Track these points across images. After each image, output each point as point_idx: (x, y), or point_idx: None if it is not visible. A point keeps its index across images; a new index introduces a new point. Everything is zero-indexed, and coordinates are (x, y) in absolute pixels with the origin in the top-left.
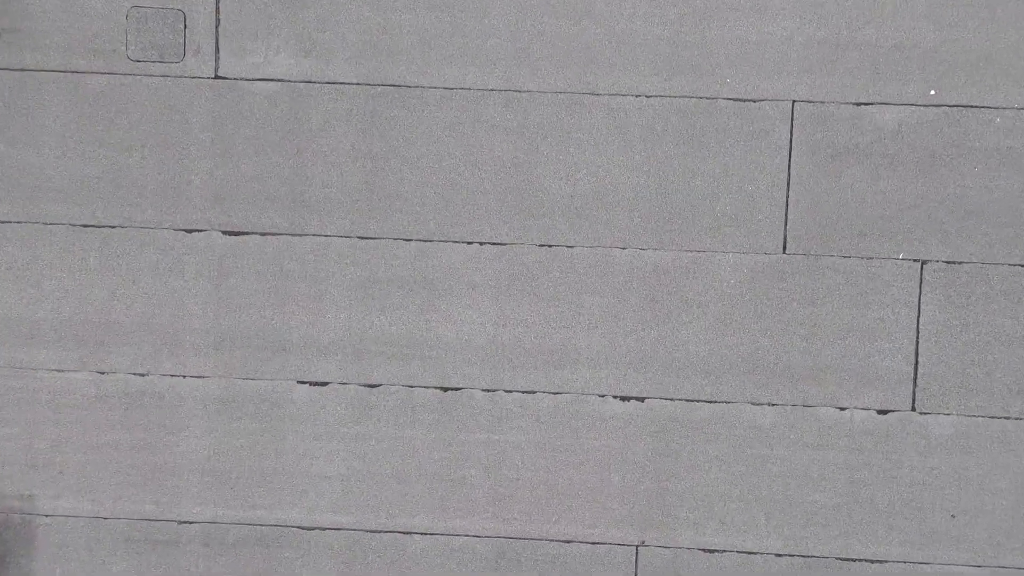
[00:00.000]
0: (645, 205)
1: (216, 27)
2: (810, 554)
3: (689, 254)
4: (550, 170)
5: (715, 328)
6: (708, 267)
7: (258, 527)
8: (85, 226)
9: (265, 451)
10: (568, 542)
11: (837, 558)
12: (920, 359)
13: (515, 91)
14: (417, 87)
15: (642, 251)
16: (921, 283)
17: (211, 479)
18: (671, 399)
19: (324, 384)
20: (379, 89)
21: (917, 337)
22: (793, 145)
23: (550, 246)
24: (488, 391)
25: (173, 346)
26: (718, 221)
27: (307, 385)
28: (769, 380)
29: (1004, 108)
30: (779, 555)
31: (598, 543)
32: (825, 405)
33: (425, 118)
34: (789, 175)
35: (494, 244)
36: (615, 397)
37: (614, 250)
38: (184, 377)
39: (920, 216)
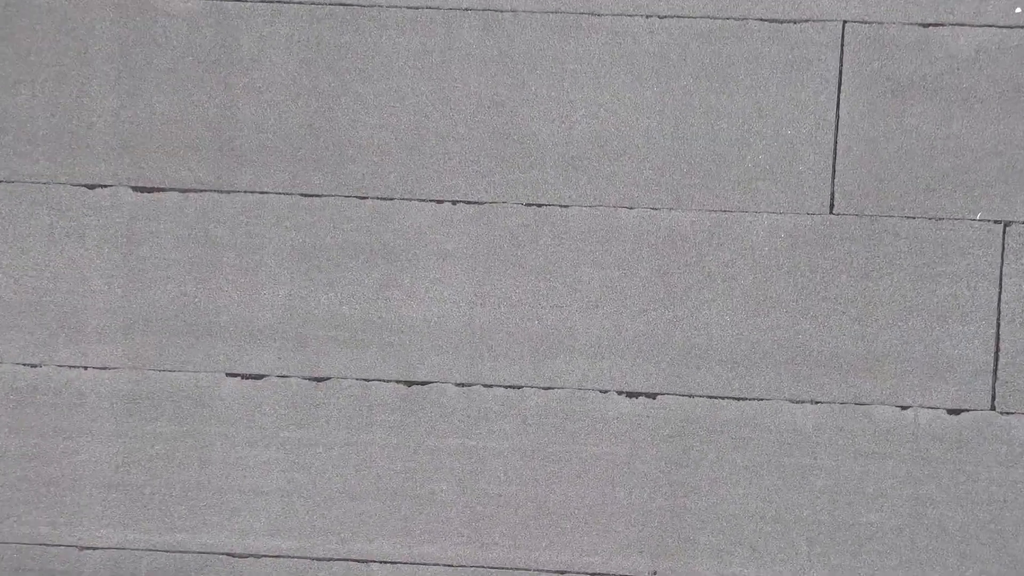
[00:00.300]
0: (658, 154)
1: None
2: None
3: (712, 215)
4: (540, 110)
5: (744, 307)
6: (736, 231)
7: (178, 554)
8: None
9: (186, 460)
10: (562, 573)
11: None
12: (1002, 345)
13: (495, 11)
14: (373, 6)
15: (654, 211)
16: (1004, 250)
17: (119, 495)
18: (689, 395)
19: (259, 377)
20: (326, 9)
21: (998, 318)
22: (843, 78)
23: (540, 205)
24: (463, 385)
25: (72, 330)
26: (749, 173)
27: (238, 378)
28: (812, 372)
29: None
30: None
31: (599, 574)
32: (882, 403)
33: (383, 45)
34: (838, 115)
35: (470, 203)
36: (620, 393)
37: (619, 210)
38: (86, 368)
39: (1002, 166)
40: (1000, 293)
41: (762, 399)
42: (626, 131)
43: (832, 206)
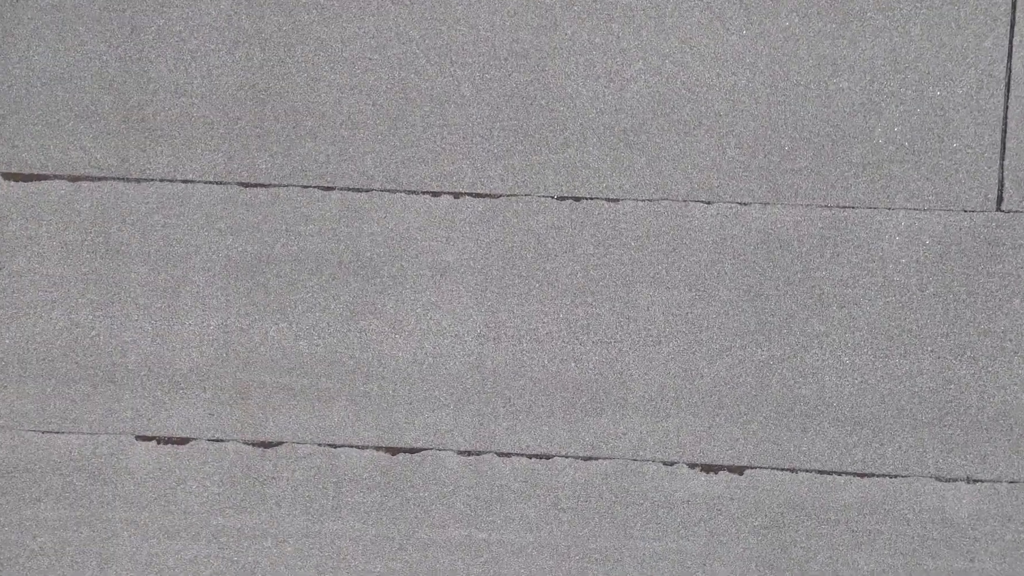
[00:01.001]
0: (747, 126)
1: None
2: None
3: (825, 212)
4: (578, 63)
5: (872, 344)
6: (860, 236)
7: None
8: None
9: (81, 558)
10: None
11: None
12: None
13: None
14: None
15: (741, 207)
16: None
17: None
18: (792, 470)
19: (183, 441)
20: None
21: None
22: (1018, 14)
23: (577, 199)
24: (469, 454)
25: None
26: (879, 155)
27: (153, 443)
28: (970, 438)
29: None
30: None
31: None
32: None
33: None
34: (1009, 70)
35: (479, 196)
36: (693, 466)
37: (692, 206)
38: None
39: None
40: None
41: (897, 476)
42: (701, 93)
43: (1000, 200)
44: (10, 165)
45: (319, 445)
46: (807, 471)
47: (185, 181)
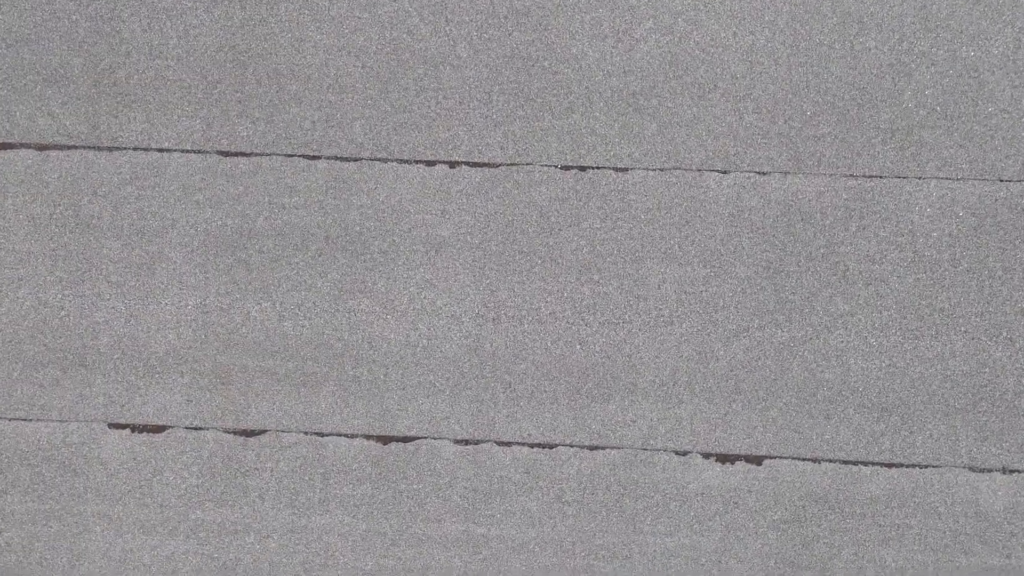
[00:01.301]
0: (767, 88)
1: None
2: None
3: (851, 182)
4: (583, 21)
5: (901, 324)
6: (888, 207)
7: None
8: None
9: (51, 553)
10: None
11: None
12: None
13: None
14: None
15: (760, 176)
16: None
17: None
18: (814, 459)
19: (159, 429)
20: None
21: None
22: None
23: (583, 168)
24: (466, 443)
25: None
26: (909, 120)
27: (126, 431)
28: (1006, 425)
29: None
30: None
31: None
32: None
33: None
34: None
35: (476, 165)
36: (707, 456)
37: (707, 175)
38: None
39: None
40: None
41: (928, 466)
42: (717, 54)
43: None
44: None
45: (305, 434)
46: (830, 461)
47: (160, 150)
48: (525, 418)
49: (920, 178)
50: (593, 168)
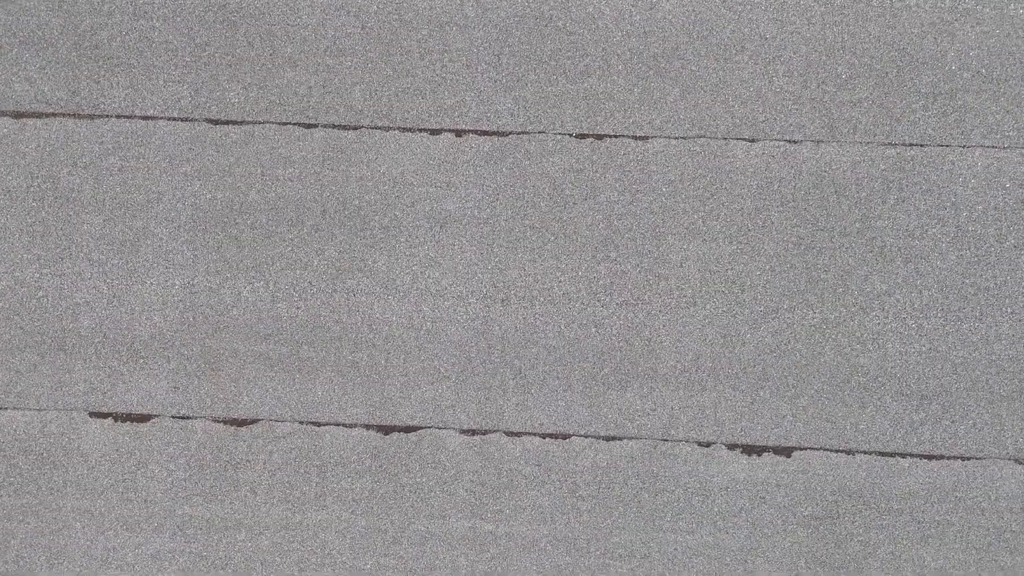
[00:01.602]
0: (797, 49)
1: None
2: None
3: (891, 151)
4: None
5: (942, 306)
6: (931, 178)
7: None
8: None
9: (28, 549)
10: None
11: None
12: None
13: None
14: None
15: (791, 145)
16: None
17: None
18: (848, 451)
19: (144, 419)
20: None
21: None
22: None
23: (599, 137)
24: (473, 433)
25: None
26: (952, 84)
27: (109, 420)
28: None
29: None
30: None
31: None
32: None
33: None
34: None
35: (484, 133)
36: (732, 447)
37: (733, 144)
38: None
39: None
40: None
41: (970, 458)
42: (744, 12)
43: None
44: None
45: (300, 423)
46: (866, 453)
47: (145, 118)
48: (536, 407)
49: (964, 147)
50: (610, 136)
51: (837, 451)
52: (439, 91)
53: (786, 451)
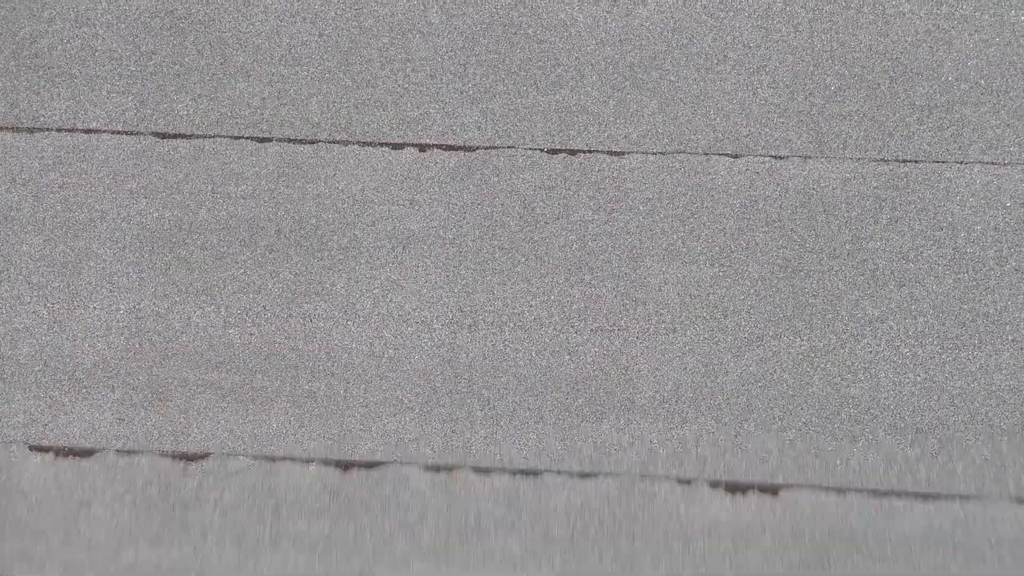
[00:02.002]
0: (784, 59)
1: None
2: None
3: (883, 168)
4: None
5: (939, 332)
6: (926, 196)
7: None
8: None
9: None
10: None
11: None
12: None
13: None
14: None
15: (776, 161)
16: None
17: None
18: (838, 489)
19: (87, 453)
20: None
21: None
22: None
23: (573, 152)
24: (437, 470)
25: None
26: (949, 96)
27: (49, 455)
28: None
29: None
30: None
31: None
32: None
33: None
34: None
35: (450, 148)
36: (716, 485)
37: (715, 159)
38: None
39: None
40: None
41: (969, 497)
42: (727, 20)
43: None
44: None
45: (254, 458)
46: (857, 491)
47: (88, 131)
48: (506, 440)
49: (962, 163)
50: (584, 152)
51: (827, 489)
52: (401, 103)
53: (772, 489)
